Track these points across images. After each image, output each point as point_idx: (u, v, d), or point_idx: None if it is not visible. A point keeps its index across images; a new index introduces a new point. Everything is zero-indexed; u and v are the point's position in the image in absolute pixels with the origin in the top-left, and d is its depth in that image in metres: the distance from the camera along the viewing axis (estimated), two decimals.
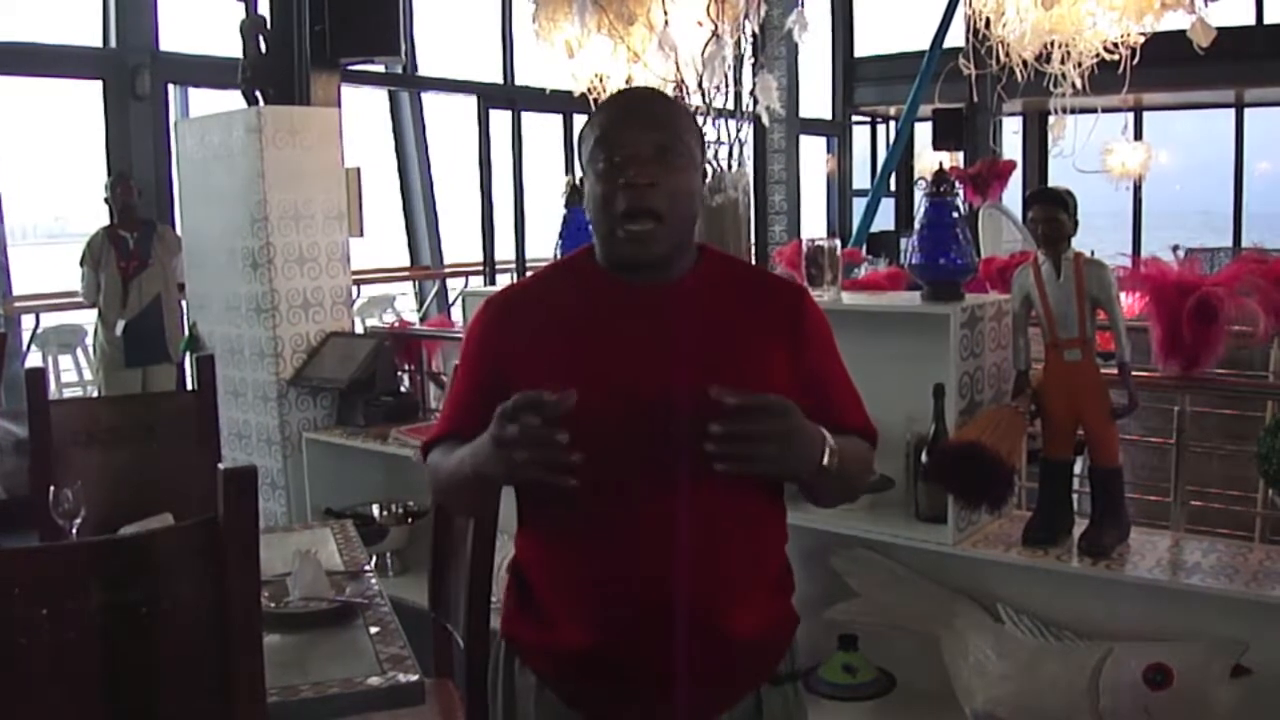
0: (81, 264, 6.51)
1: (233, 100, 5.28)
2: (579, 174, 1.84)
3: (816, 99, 13.70)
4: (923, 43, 10.01)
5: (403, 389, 4.99)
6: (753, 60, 3.56)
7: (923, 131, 12.58)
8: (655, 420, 1.67)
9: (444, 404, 1.97)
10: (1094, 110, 3.83)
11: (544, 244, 5.80)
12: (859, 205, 12.94)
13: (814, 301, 1.90)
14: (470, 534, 2.45)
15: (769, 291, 1.87)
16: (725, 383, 1.57)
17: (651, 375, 1.70)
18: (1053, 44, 3.45)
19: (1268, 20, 11.67)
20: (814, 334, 1.85)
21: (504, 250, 9.70)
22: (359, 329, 5.88)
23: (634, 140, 1.71)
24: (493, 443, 1.58)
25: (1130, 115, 12.64)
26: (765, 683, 1.83)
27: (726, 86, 3.31)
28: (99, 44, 7.24)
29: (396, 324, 7.22)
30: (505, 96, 10.13)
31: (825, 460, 1.66)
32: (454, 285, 10.32)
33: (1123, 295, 2.86)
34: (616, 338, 1.75)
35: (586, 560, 1.74)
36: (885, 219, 12.78)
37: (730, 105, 3.34)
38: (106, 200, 6.47)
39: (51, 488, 2.57)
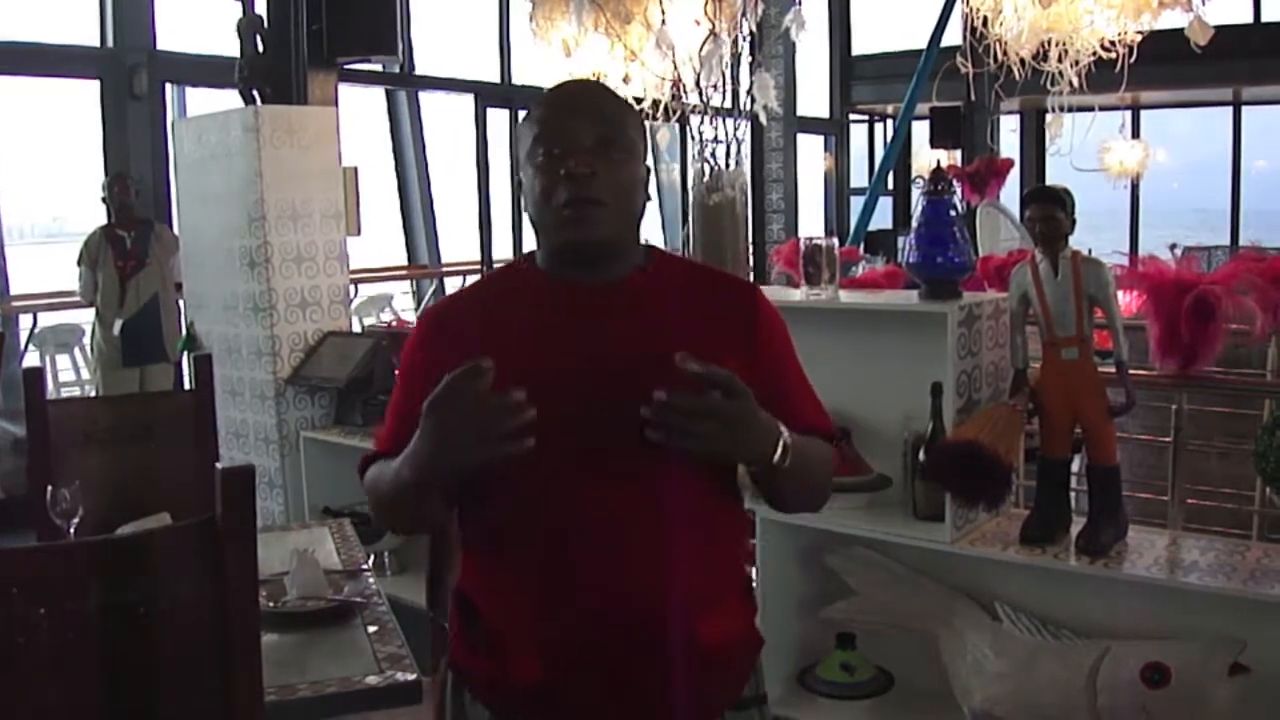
0: (79, 263, 6.50)
1: (230, 100, 5.28)
2: (514, 174, 1.80)
3: (814, 97, 13.70)
4: (920, 41, 10.01)
5: None
6: (750, 59, 3.56)
7: (920, 130, 12.58)
8: (603, 427, 1.60)
9: (382, 423, 1.85)
10: (1091, 108, 3.84)
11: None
12: (856, 203, 12.94)
13: (767, 299, 1.84)
14: None
15: (720, 290, 1.81)
16: (669, 383, 1.50)
17: (599, 380, 1.63)
18: (1050, 42, 3.45)
19: (1265, 18, 11.67)
20: (769, 333, 1.80)
21: (501, 248, 9.71)
22: (356, 328, 5.89)
23: (574, 131, 1.67)
24: (434, 432, 1.52)
25: (1128, 113, 12.64)
26: (730, 708, 1.77)
27: (724, 85, 3.31)
28: (96, 43, 7.23)
29: (394, 323, 7.23)
30: (502, 95, 10.13)
31: (777, 456, 1.60)
32: (451, 284, 10.32)
33: (1120, 293, 2.86)
34: (561, 343, 1.69)
35: (534, 580, 1.66)
36: (883, 217, 12.78)
37: (728, 104, 3.34)
38: (104, 199, 6.47)
39: (49, 487, 2.56)
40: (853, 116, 14.55)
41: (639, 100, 4.24)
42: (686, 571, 1.66)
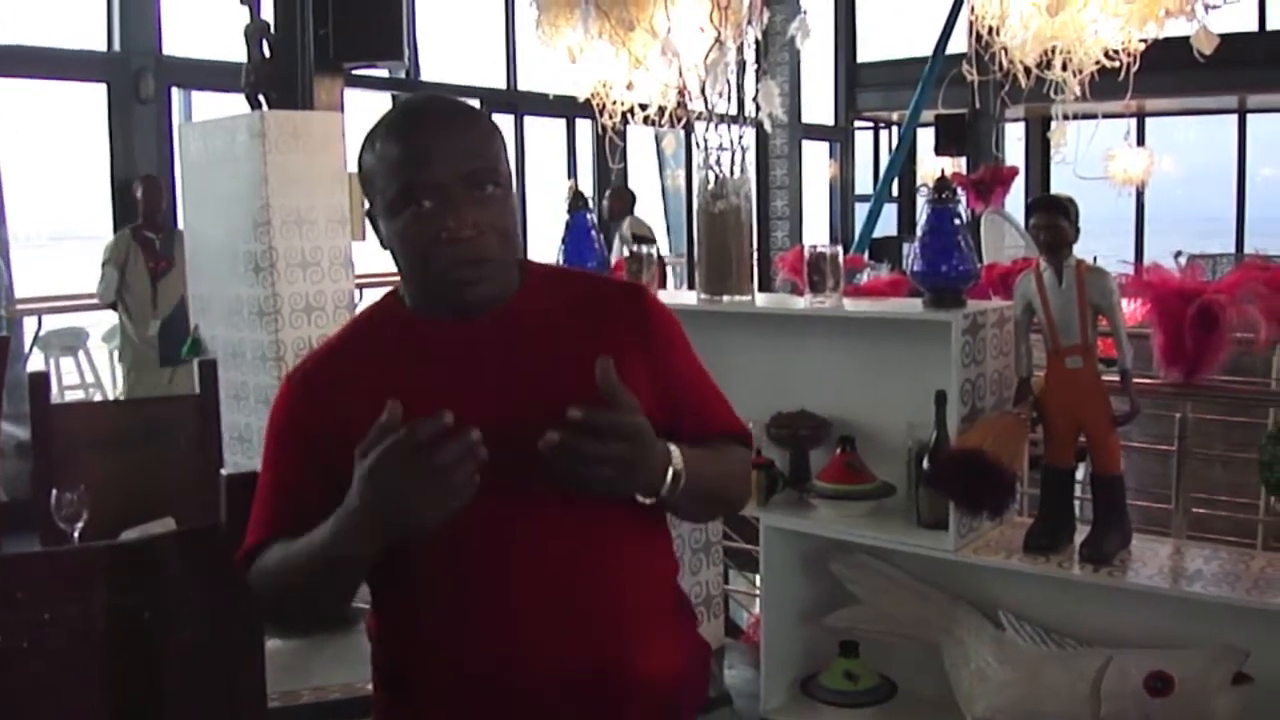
0: (105, 264, 6.52)
1: (236, 104, 5.29)
2: (370, 216, 1.63)
3: (819, 104, 13.72)
4: (925, 48, 10.01)
5: None
6: (755, 66, 3.56)
7: (925, 137, 12.59)
8: (507, 464, 1.43)
9: (254, 509, 1.62)
10: (1095, 116, 3.84)
11: (547, 249, 5.81)
12: (861, 211, 12.94)
13: (656, 300, 1.72)
14: None
15: (605, 298, 1.69)
16: (569, 406, 1.41)
17: (498, 416, 1.47)
18: (1054, 50, 3.45)
19: (1270, 27, 11.67)
20: (663, 336, 1.68)
21: None
22: None
23: (441, 179, 1.50)
24: (381, 496, 1.37)
25: (1133, 121, 12.65)
26: (696, 719, 1.72)
27: (729, 92, 3.31)
28: (103, 48, 7.25)
29: None
30: (508, 101, 10.15)
31: (665, 488, 1.51)
32: None
33: (1124, 302, 2.86)
34: (446, 385, 1.54)
35: (457, 625, 1.55)
36: (887, 225, 12.77)
37: (733, 111, 3.34)
38: (139, 199, 6.52)
39: (54, 491, 2.57)
40: (858, 124, 14.56)
41: (644, 107, 4.24)
42: (619, 598, 1.59)
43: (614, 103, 4.23)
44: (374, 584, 1.60)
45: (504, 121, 10.12)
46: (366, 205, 1.63)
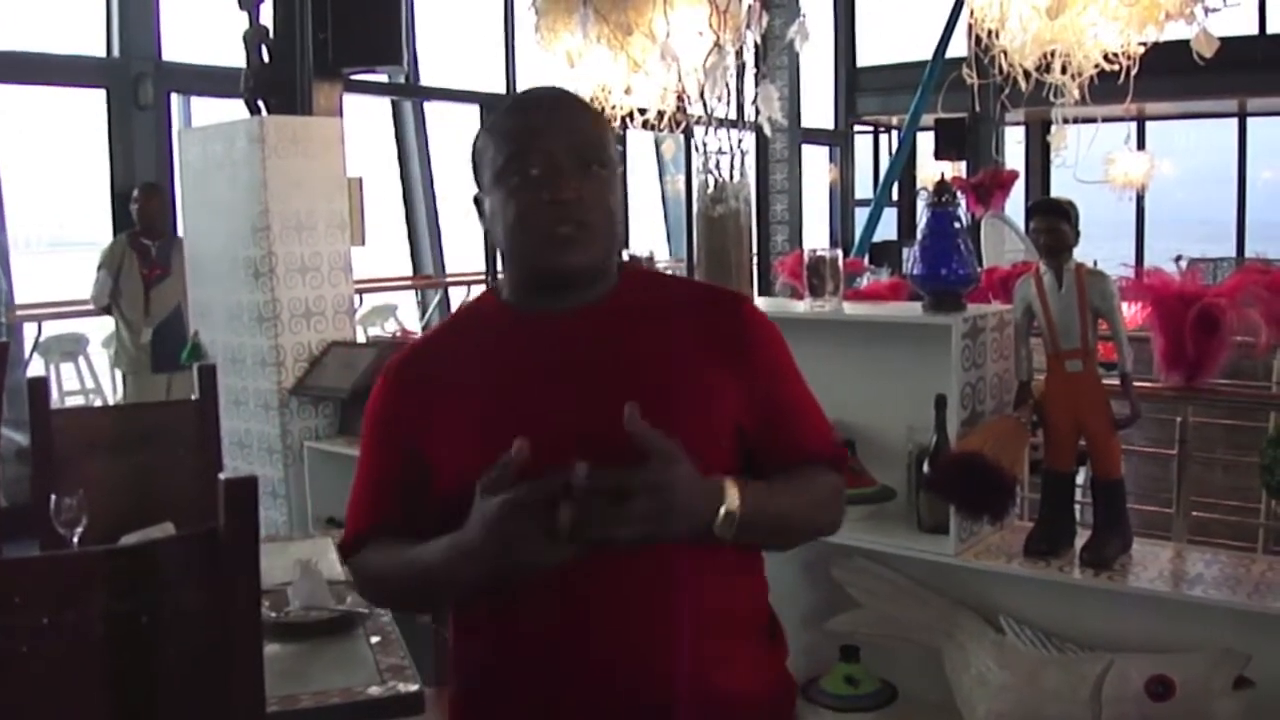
0: (100, 268, 6.53)
1: (235, 110, 5.29)
2: (476, 200, 1.68)
3: (818, 108, 13.72)
4: (925, 53, 10.03)
5: None
6: (754, 70, 3.57)
7: (925, 141, 12.59)
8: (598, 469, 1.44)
9: (354, 494, 1.71)
10: (1095, 120, 3.84)
11: None
12: (861, 215, 12.95)
13: (758, 311, 1.70)
14: None
15: (704, 306, 1.66)
16: (664, 416, 1.43)
17: (577, 415, 1.51)
18: (1053, 54, 3.45)
19: (1270, 30, 11.68)
20: (762, 350, 1.66)
21: None
22: (361, 338, 5.89)
23: (552, 149, 1.54)
24: (501, 547, 1.39)
25: (1133, 125, 12.65)
26: None
27: (728, 96, 3.31)
28: (102, 53, 7.25)
29: (399, 333, 7.23)
30: None
31: (716, 528, 1.48)
32: (456, 294, 10.33)
33: (1125, 306, 2.86)
34: (535, 380, 1.57)
35: (537, 641, 1.55)
36: (887, 229, 12.78)
37: (732, 115, 3.34)
38: (133, 208, 6.53)
39: (53, 496, 2.57)
40: (857, 128, 14.56)
41: (643, 111, 4.25)
42: (698, 621, 1.54)
43: (613, 107, 4.24)
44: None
45: None
46: (474, 191, 1.67)
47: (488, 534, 1.41)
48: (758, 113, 3.41)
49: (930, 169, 12.61)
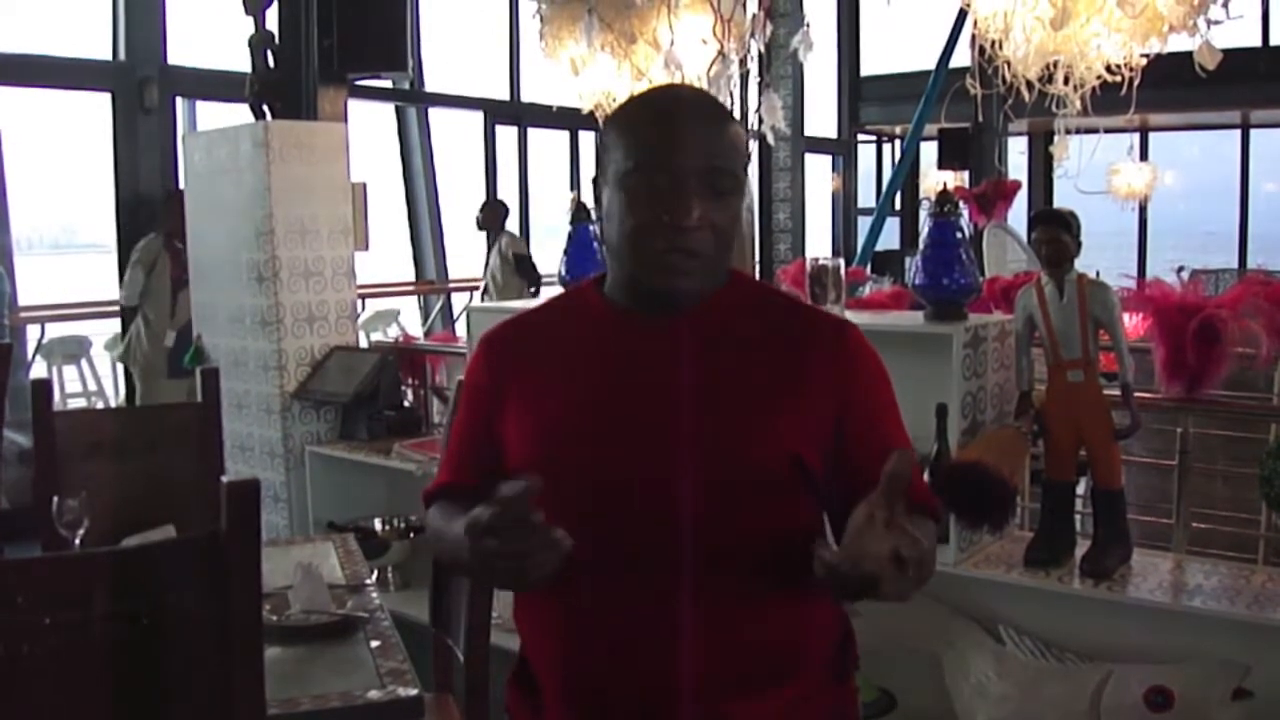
0: (134, 265, 6.49)
1: (240, 114, 5.30)
2: (595, 184, 1.60)
3: (822, 117, 13.72)
4: (928, 62, 10.04)
5: (406, 403, 5.00)
6: (758, 79, 3.57)
7: (928, 151, 12.60)
8: (669, 471, 1.46)
9: (447, 449, 1.78)
10: (1098, 131, 3.84)
11: (549, 260, 5.82)
12: (864, 224, 12.94)
13: (864, 341, 1.62)
14: None
15: (809, 327, 1.61)
16: (740, 427, 1.43)
17: (665, 420, 1.49)
18: (1056, 64, 3.46)
19: (1274, 42, 11.68)
20: (865, 383, 1.59)
21: None
22: (363, 343, 5.90)
23: (682, 165, 1.46)
24: (477, 558, 1.35)
25: (1136, 136, 12.66)
26: None
27: (732, 105, 3.32)
28: (108, 57, 7.26)
29: (401, 338, 7.24)
30: (511, 112, 10.17)
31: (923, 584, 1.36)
32: (459, 300, 10.33)
33: (1126, 316, 2.86)
34: (623, 378, 1.54)
35: (581, 648, 1.53)
36: (890, 238, 12.78)
37: None
38: (163, 210, 6.50)
39: (55, 498, 2.57)
40: (860, 137, 14.57)
41: None
42: (757, 649, 1.51)
43: None
44: None
45: (508, 133, 10.14)
46: (594, 173, 1.61)
47: (468, 540, 1.36)
48: (761, 121, 3.42)
49: (933, 179, 12.62)
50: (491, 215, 8.85)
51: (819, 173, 13.86)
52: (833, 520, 1.50)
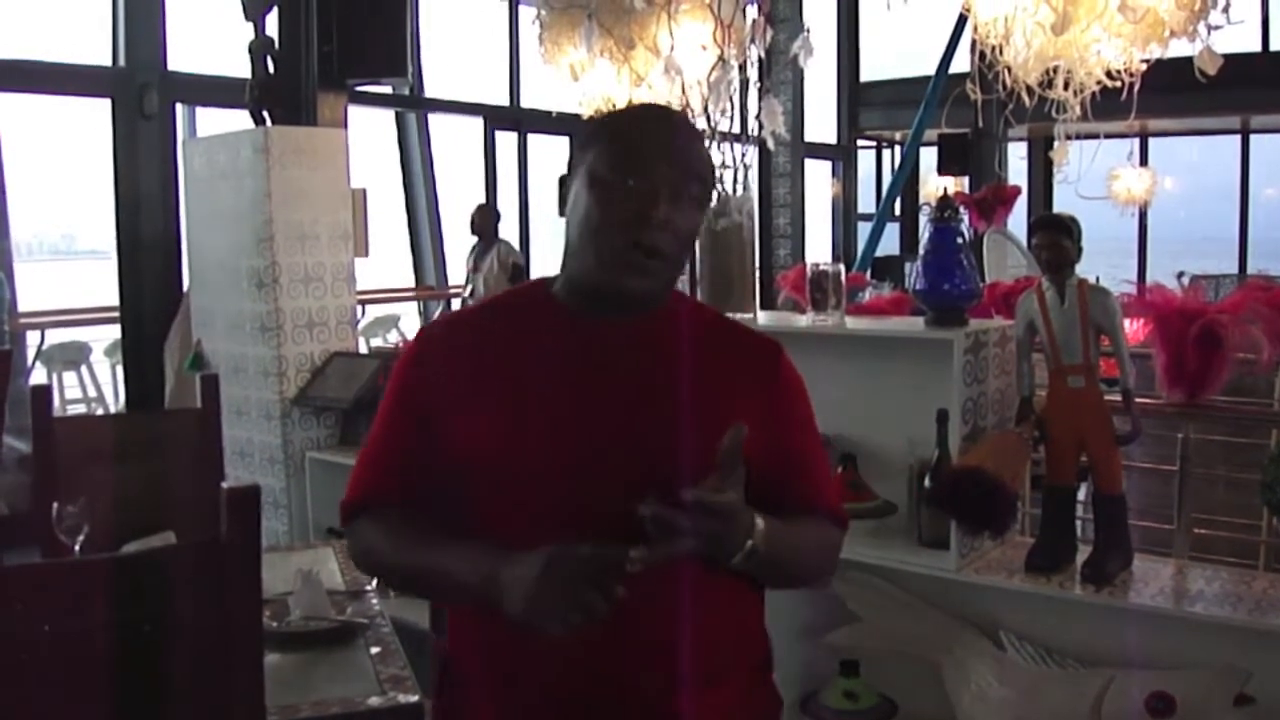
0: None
1: (240, 120, 5.31)
2: (563, 183, 1.67)
3: (822, 123, 13.73)
4: (928, 68, 10.04)
5: None
6: (758, 84, 3.57)
7: (928, 156, 12.60)
8: (609, 477, 1.52)
9: (363, 457, 1.73)
10: (1098, 136, 3.84)
11: (549, 265, 5.81)
12: (864, 229, 12.95)
13: (790, 363, 1.73)
14: None
15: (741, 345, 1.72)
16: (692, 435, 1.50)
17: (609, 424, 1.55)
18: (1056, 69, 3.46)
19: (1274, 47, 11.69)
20: (789, 399, 1.71)
21: None
22: (363, 349, 5.89)
23: (659, 173, 1.55)
24: (537, 594, 1.41)
25: (1136, 141, 12.66)
26: None
27: (732, 110, 3.32)
28: (108, 63, 7.27)
29: (401, 344, 7.23)
30: (511, 118, 10.18)
31: (737, 559, 1.53)
32: (458, 306, 10.34)
33: (1127, 321, 2.86)
34: (568, 380, 1.59)
35: (524, 650, 1.56)
36: (890, 244, 12.78)
37: (736, 129, 3.35)
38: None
39: (55, 504, 2.57)
40: (860, 142, 14.58)
41: None
42: (701, 642, 1.57)
43: None
44: None
45: (507, 139, 10.14)
46: (566, 168, 1.66)
47: (532, 580, 1.42)
48: (761, 127, 3.41)
49: (933, 184, 12.62)
50: (484, 219, 8.88)
51: (819, 178, 13.88)
52: None
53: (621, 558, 1.40)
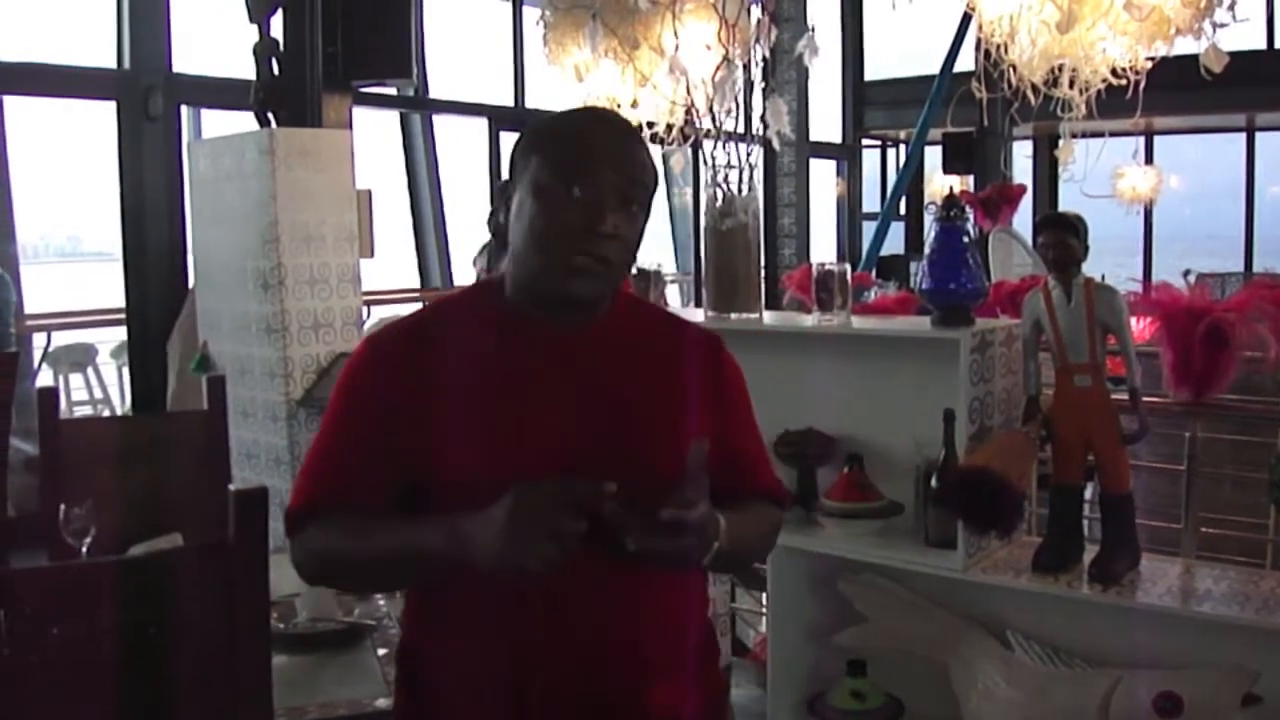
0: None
1: (245, 122, 5.31)
2: (505, 188, 1.67)
3: (826, 122, 13.72)
4: (933, 67, 10.03)
5: None
6: (763, 84, 3.57)
7: (933, 155, 12.58)
8: (561, 475, 1.50)
9: (313, 464, 1.69)
10: (1103, 134, 3.84)
11: None
12: (869, 229, 12.92)
13: (730, 354, 1.78)
14: None
15: (684, 339, 1.74)
16: (648, 436, 1.55)
17: (559, 424, 1.57)
18: (1061, 68, 3.45)
19: (1279, 45, 11.67)
20: (731, 389, 1.76)
21: None
22: None
23: (605, 180, 1.55)
24: (514, 532, 1.41)
25: (1141, 139, 12.64)
26: None
27: (737, 110, 3.31)
28: (113, 65, 7.27)
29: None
30: (516, 119, 10.17)
31: (706, 559, 1.56)
32: None
33: (1133, 320, 2.85)
34: (525, 381, 1.60)
35: (479, 644, 1.58)
36: (895, 243, 12.77)
37: (741, 129, 3.34)
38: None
39: (62, 506, 2.57)
40: (865, 142, 14.56)
41: (651, 125, 4.25)
42: (640, 634, 1.61)
43: None
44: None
45: (512, 139, 10.11)
46: (507, 175, 1.67)
47: (506, 518, 1.42)
48: (766, 126, 3.41)
49: (938, 183, 12.62)
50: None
51: (824, 178, 13.86)
52: None
53: (592, 489, 1.43)
